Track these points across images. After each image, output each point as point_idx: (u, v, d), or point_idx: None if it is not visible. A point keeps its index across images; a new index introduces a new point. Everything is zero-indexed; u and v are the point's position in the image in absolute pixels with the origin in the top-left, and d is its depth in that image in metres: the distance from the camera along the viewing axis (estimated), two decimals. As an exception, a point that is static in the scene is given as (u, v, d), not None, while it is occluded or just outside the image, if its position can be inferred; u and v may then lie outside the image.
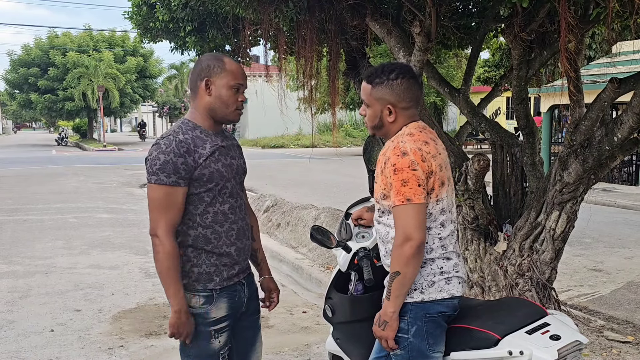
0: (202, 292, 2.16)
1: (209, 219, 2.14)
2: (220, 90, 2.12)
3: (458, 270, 2.12)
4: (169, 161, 2.04)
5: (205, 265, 2.16)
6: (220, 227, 2.17)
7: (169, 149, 2.05)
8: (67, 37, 37.46)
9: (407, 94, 2.09)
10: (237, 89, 2.15)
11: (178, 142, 2.07)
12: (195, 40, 5.03)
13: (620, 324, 4.43)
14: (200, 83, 2.13)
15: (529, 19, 3.70)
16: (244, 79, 2.18)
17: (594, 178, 3.72)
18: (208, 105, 2.15)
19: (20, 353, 4.01)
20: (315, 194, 11.77)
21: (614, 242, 7.53)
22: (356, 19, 4.21)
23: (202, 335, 2.17)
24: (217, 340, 2.19)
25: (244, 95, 2.21)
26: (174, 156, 2.05)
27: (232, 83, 2.13)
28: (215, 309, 2.17)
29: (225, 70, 2.12)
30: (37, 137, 56.84)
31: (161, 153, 2.05)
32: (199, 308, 2.16)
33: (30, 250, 7.14)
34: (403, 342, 2.07)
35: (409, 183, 1.96)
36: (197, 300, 2.16)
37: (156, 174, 2.05)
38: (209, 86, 2.13)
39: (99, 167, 19.96)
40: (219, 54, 2.26)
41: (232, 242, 2.20)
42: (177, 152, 2.05)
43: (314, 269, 6.01)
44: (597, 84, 10.61)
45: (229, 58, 2.21)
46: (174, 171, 2.05)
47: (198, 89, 2.15)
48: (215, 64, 2.13)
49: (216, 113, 2.16)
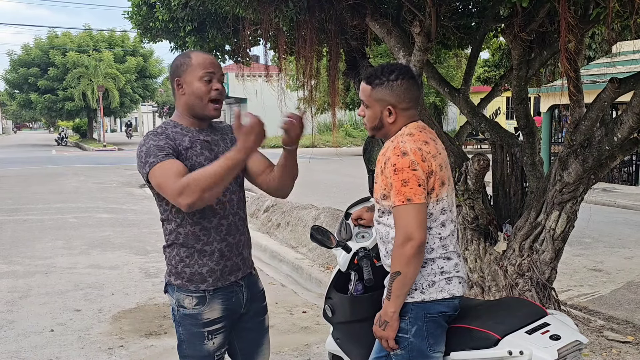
0: (195, 292, 2.14)
1: (197, 214, 2.10)
2: (191, 86, 2.10)
3: (459, 270, 2.12)
4: (150, 147, 2.03)
5: (198, 265, 2.13)
6: (208, 223, 2.12)
7: (149, 139, 2.07)
8: (67, 37, 37.46)
9: (407, 95, 2.10)
10: (208, 79, 2.10)
11: (157, 133, 2.09)
12: (195, 40, 5.03)
13: (620, 324, 4.43)
14: (174, 85, 2.13)
15: (529, 19, 3.70)
16: (214, 67, 2.12)
17: (594, 178, 3.72)
18: (184, 103, 2.13)
19: (20, 353, 4.01)
20: (315, 194, 11.76)
21: (614, 242, 7.53)
22: (356, 19, 4.21)
23: (195, 336, 2.16)
24: (211, 341, 2.17)
25: (220, 84, 2.15)
26: (155, 140, 2.05)
27: (201, 73, 2.08)
28: (208, 310, 2.15)
29: (192, 65, 2.09)
30: (37, 137, 56.85)
31: (143, 145, 2.05)
32: (192, 309, 2.14)
33: (30, 250, 7.14)
34: (403, 342, 2.07)
35: (409, 183, 1.96)
36: (190, 301, 2.14)
37: (147, 162, 2.01)
38: (181, 84, 2.11)
39: (98, 167, 19.96)
40: (188, 51, 2.22)
41: (222, 238, 2.16)
42: (155, 138, 2.06)
43: (314, 269, 6.01)
44: (597, 84, 10.61)
45: (197, 52, 2.18)
46: (159, 149, 2.02)
47: (175, 91, 2.15)
48: (182, 61, 2.12)
49: (194, 110, 2.13)
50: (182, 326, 2.18)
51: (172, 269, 2.17)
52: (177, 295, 2.16)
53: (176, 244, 2.14)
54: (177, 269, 2.14)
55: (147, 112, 53.49)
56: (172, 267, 2.17)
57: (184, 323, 2.17)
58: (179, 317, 2.18)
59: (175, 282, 2.15)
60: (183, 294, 2.14)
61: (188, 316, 2.15)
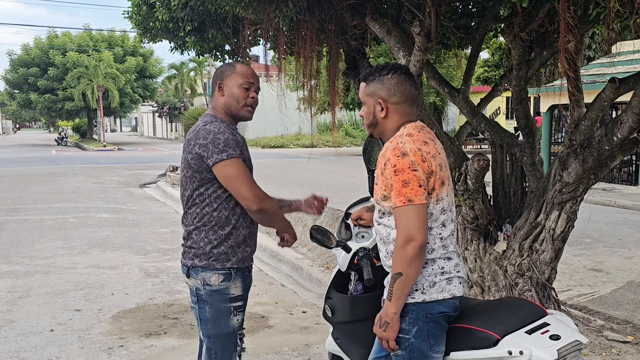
0: (221, 270, 2.35)
1: (233, 201, 2.34)
2: (232, 89, 2.40)
3: (459, 270, 2.12)
4: (228, 138, 2.28)
5: (224, 246, 2.36)
6: (240, 210, 2.37)
7: (222, 129, 2.30)
8: (66, 37, 37.49)
9: (398, 89, 2.11)
10: (247, 87, 2.40)
11: (226, 126, 2.34)
12: (195, 40, 5.03)
13: (620, 323, 4.43)
14: (215, 87, 2.43)
15: (529, 19, 3.69)
16: (254, 78, 2.44)
17: (593, 178, 3.72)
18: (223, 104, 2.42)
19: (20, 353, 4.01)
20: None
21: (613, 242, 7.53)
22: (356, 18, 4.21)
23: (222, 312, 2.36)
24: (236, 317, 2.39)
25: (256, 94, 2.45)
26: (230, 134, 2.30)
27: (242, 81, 2.40)
28: (233, 286, 2.38)
29: (236, 72, 2.41)
30: (37, 137, 56.84)
31: (218, 134, 2.28)
32: (218, 285, 2.35)
33: (30, 250, 7.14)
34: (404, 342, 2.07)
35: (410, 184, 1.97)
36: (216, 278, 2.35)
37: (225, 150, 2.25)
38: (222, 87, 2.41)
39: (98, 167, 19.96)
40: (233, 62, 2.69)
41: (247, 225, 2.42)
42: (229, 131, 2.32)
43: (313, 269, 6.01)
44: (597, 84, 10.62)
45: (241, 63, 2.54)
46: (236, 145, 2.29)
47: (214, 93, 2.44)
48: (227, 68, 2.44)
49: (231, 110, 2.41)
50: (208, 304, 2.36)
51: (198, 252, 2.36)
52: (202, 275, 2.35)
53: (206, 227, 2.35)
54: (204, 250, 2.35)
55: (147, 112, 53.50)
56: (198, 249, 2.36)
57: (211, 300, 2.37)
58: (205, 295, 2.37)
59: (201, 263, 2.35)
60: (209, 272, 2.35)
61: (215, 292, 2.35)
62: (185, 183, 2.39)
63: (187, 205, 2.40)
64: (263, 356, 3.91)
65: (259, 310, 4.83)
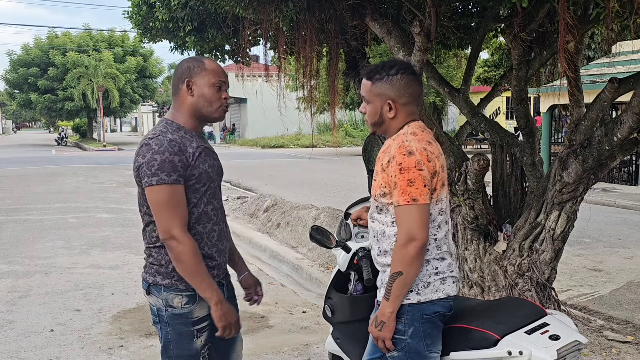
0: (185, 291, 2.13)
1: (193, 219, 2.13)
2: (202, 89, 2.14)
3: (452, 270, 2.13)
4: (165, 160, 2.02)
5: None
6: (202, 229, 2.16)
7: (162, 148, 2.03)
8: (66, 37, 37.47)
9: (407, 90, 2.09)
10: (219, 86, 2.17)
11: (170, 141, 2.06)
12: (195, 40, 5.03)
13: (620, 323, 4.43)
14: (182, 85, 2.16)
15: (529, 19, 3.69)
16: (225, 77, 2.20)
17: (593, 178, 3.72)
18: (191, 105, 2.16)
19: (20, 353, 4.01)
20: (315, 194, 11.77)
21: (613, 242, 7.53)
22: (356, 18, 4.21)
23: (184, 335, 2.16)
24: (199, 339, 2.18)
25: (227, 93, 2.24)
26: (169, 154, 2.03)
27: (214, 81, 2.15)
28: (198, 308, 2.15)
29: (206, 70, 2.15)
30: (37, 137, 56.84)
31: (155, 153, 2.03)
32: (181, 308, 2.14)
33: (30, 250, 7.14)
34: (400, 343, 2.07)
35: (415, 183, 1.96)
36: (179, 300, 2.14)
37: (156, 174, 2.02)
38: (191, 86, 2.14)
39: (98, 167, 19.96)
40: (199, 57, 2.29)
41: (213, 244, 2.20)
42: (171, 150, 2.04)
43: (313, 269, 6.01)
44: (597, 84, 10.63)
45: (208, 58, 2.23)
46: (172, 169, 2.03)
47: (180, 91, 2.17)
48: (195, 64, 2.16)
49: (201, 112, 2.17)
50: (170, 326, 2.17)
51: (160, 269, 2.15)
52: (164, 295, 2.15)
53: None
54: (166, 269, 2.14)
55: (147, 112, 53.51)
56: (160, 266, 2.15)
57: (173, 323, 2.16)
58: (167, 318, 2.16)
59: (163, 281, 2.14)
60: (172, 293, 2.13)
61: (178, 316, 2.14)
62: (139, 198, 2.21)
63: (145, 222, 2.21)
64: (263, 356, 3.91)
65: (259, 310, 4.83)
